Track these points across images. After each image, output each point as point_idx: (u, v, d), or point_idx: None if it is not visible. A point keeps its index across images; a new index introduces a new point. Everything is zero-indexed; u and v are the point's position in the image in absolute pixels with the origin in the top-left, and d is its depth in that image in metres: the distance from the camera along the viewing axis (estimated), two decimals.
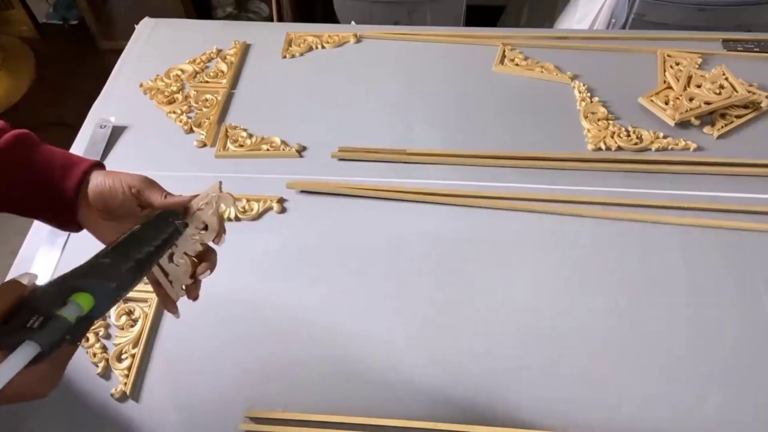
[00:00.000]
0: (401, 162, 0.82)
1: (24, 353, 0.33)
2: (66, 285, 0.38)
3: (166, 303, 0.50)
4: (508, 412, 0.60)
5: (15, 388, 0.33)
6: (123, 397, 0.61)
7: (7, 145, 0.47)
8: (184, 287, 0.49)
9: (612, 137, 0.83)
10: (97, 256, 0.41)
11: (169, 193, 0.48)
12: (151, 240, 0.44)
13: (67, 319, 0.36)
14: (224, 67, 0.95)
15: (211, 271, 0.50)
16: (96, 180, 0.48)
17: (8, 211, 0.49)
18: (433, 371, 0.63)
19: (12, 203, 0.48)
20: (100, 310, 0.39)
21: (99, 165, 0.50)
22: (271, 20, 1.87)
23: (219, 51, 0.98)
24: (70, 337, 0.37)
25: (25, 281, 0.37)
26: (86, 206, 0.48)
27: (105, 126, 0.87)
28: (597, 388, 0.61)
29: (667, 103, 0.86)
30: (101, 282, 0.39)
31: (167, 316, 0.67)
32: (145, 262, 0.43)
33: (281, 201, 0.78)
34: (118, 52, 1.01)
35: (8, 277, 0.60)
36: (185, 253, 0.49)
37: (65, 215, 0.49)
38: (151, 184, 0.48)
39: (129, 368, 0.63)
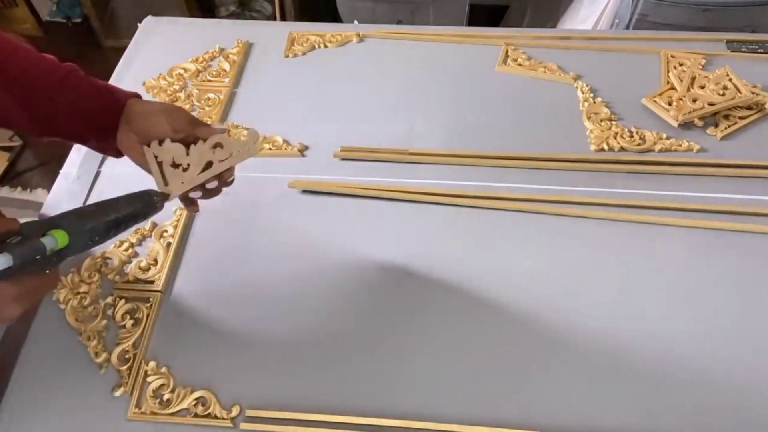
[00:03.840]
0: (404, 162, 0.82)
1: None
2: (49, 221, 0.46)
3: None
4: (507, 413, 0.60)
5: None
6: (124, 396, 0.62)
7: (66, 76, 0.57)
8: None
9: (615, 138, 0.83)
10: (83, 206, 0.48)
11: (204, 124, 0.57)
12: (133, 208, 0.52)
13: (42, 243, 0.43)
14: (227, 66, 0.95)
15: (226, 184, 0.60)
16: (139, 107, 0.56)
17: (58, 137, 0.58)
18: (434, 372, 0.63)
19: (63, 128, 0.57)
20: (74, 249, 0.47)
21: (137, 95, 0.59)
22: (274, 19, 1.88)
23: (222, 50, 0.98)
24: (41, 260, 0.44)
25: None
26: (126, 132, 0.56)
27: None
28: (596, 390, 0.61)
29: (670, 104, 0.86)
30: (79, 224, 0.47)
31: (167, 315, 0.68)
32: (122, 222, 0.51)
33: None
34: (121, 50, 1.01)
35: None
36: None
37: (108, 140, 0.57)
38: (189, 120, 0.57)
39: (130, 368, 0.63)
